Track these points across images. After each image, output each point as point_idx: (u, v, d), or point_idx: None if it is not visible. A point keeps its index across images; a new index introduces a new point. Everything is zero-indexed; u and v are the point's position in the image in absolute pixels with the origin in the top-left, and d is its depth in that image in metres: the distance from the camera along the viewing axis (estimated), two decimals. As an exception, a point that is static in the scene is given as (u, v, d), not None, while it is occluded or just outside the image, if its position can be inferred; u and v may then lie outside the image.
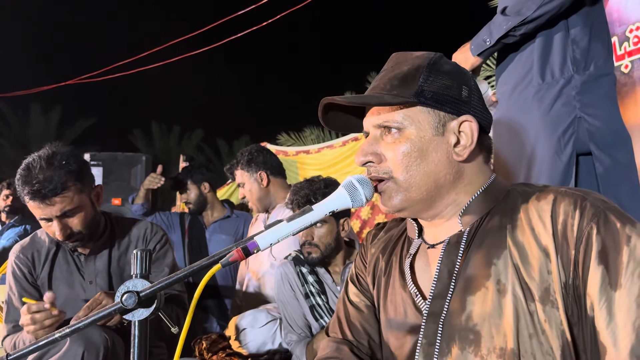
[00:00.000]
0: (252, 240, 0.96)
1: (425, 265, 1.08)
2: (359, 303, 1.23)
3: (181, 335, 0.91)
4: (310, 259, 2.27)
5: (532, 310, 0.90)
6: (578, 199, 0.92)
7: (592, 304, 0.85)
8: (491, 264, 0.96)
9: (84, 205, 1.94)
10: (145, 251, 0.99)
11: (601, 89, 1.80)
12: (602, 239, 0.86)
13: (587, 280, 0.86)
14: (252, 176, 3.08)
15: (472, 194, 1.03)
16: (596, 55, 1.81)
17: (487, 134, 1.08)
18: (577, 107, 1.79)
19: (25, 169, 1.86)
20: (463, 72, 1.06)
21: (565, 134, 1.80)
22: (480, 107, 1.05)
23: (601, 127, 1.77)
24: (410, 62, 1.04)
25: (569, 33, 1.83)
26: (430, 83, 1.00)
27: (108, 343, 1.77)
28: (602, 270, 0.85)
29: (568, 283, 0.88)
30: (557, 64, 1.82)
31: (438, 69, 1.02)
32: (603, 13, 1.87)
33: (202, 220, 3.84)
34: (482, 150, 1.06)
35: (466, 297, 0.96)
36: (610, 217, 0.88)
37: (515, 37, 1.85)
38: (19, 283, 2.03)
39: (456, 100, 1.01)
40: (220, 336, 2.65)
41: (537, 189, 1.01)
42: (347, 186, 1.04)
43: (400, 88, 1.01)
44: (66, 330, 0.92)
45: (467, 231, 1.02)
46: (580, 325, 0.88)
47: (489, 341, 0.92)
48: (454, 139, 1.01)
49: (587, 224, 0.88)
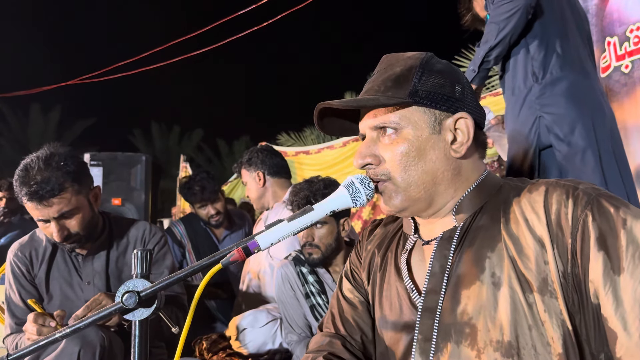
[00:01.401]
0: (252, 240, 0.96)
1: (421, 261, 1.08)
2: (352, 299, 1.23)
3: (181, 336, 0.91)
4: (311, 259, 2.27)
5: (530, 302, 0.90)
6: (570, 189, 0.93)
7: (596, 291, 0.85)
8: (485, 258, 0.96)
9: (81, 206, 1.94)
10: (145, 251, 0.99)
11: (557, 89, 2.12)
12: (598, 225, 0.87)
13: (588, 267, 0.86)
14: (251, 175, 3.15)
15: (466, 190, 1.05)
16: (551, 65, 2.18)
17: (482, 130, 1.09)
18: (538, 109, 2.16)
19: (23, 169, 1.85)
20: (455, 70, 1.07)
21: (531, 132, 2.16)
22: (474, 104, 1.06)
23: (558, 120, 2.10)
24: (403, 62, 1.05)
25: (529, 50, 2.23)
26: (424, 82, 1.01)
27: (105, 342, 1.76)
28: (602, 256, 0.85)
29: (567, 272, 0.89)
30: (521, 78, 2.24)
31: (430, 68, 1.03)
32: (556, 29, 2.22)
33: (209, 231, 3.71)
34: (477, 146, 1.07)
35: (460, 292, 0.97)
36: (603, 203, 0.89)
37: (490, 62, 2.25)
38: (18, 281, 2.03)
39: (450, 98, 1.02)
40: (221, 336, 2.64)
41: (528, 182, 1.02)
42: (348, 186, 1.04)
43: (394, 89, 1.02)
44: (67, 330, 0.92)
45: (460, 227, 1.03)
46: (582, 313, 0.88)
47: (485, 334, 0.92)
48: (451, 136, 1.02)
49: (581, 211, 0.89)
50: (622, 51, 2.83)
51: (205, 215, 3.58)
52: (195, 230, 3.71)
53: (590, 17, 3.05)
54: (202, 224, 3.70)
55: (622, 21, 2.85)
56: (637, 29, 2.76)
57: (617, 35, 2.87)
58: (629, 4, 2.83)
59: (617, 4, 2.89)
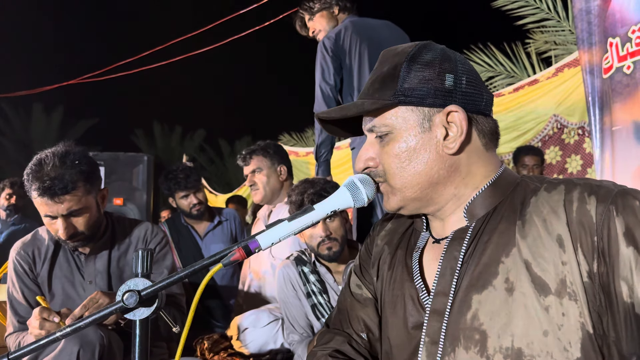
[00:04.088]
0: (253, 240, 0.96)
1: (433, 260, 1.04)
2: (360, 295, 1.19)
3: (182, 335, 0.91)
4: (332, 254, 2.24)
5: (546, 305, 0.86)
6: (590, 186, 0.90)
7: (630, 288, 0.82)
8: (499, 262, 0.93)
9: (90, 206, 1.95)
10: (146, 250, 0.99)
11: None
12: (623, 220, 0.84)
13: (618, 264, 0.83)
14: (274, 166, 3.07)
15: (476, 186, 1.01)
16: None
17: (487, 117, 1.03)
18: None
19: (37, 164, 1.86)
20: (448, 57, 1.00)
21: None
22: (470, 92, 0.99)
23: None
24: (390, 60, 1.02)
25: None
26: (410, 79, 0.97)
27: (104, 341, 1.77)
28: (632, 251, 0.82)
29: (592, 271, 0.85)
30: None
31: (418, 61, 0.98)
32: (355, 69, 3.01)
33: (191, 229, 3.69)
34: (480, 136, 1.01)
35: (472, 295, 0.93)
36: (627, 197, 0.86)
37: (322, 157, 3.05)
38: (21, 279, 2.03)
39: (439, 92, 0.97)
40: (222, 336, 2.65)
41: (546, 180, 0.98)
42: (349, 185, 1.04)
43: (381, 91, 1.00)
44: (67, 330, 0.92)
45: (472, 226, 0.99)
46: (610, 314, 0.84)
47: (496, 341, 0.89)
48: (443, 132, 0.98)
49: (604, 207, 0.85)
50: (624, 52, 2.82)
51: (187, 206, 3.55)
52: (178, 228, 3.69)
53: (593, 18, 3.04)
54: (184, 222, 3.68)
55: (625, 22, 2.83)
56: (639, 30, 2.75)
57: (619, 35, 2.86)
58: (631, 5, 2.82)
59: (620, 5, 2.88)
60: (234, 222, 3.77)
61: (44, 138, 18.71)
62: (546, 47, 6.82)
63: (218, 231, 3.70)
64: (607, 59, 2.94)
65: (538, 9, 6.65)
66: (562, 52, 6.51)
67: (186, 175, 3.53)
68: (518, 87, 5.49)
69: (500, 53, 7.03)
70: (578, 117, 5.05)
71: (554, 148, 5.31)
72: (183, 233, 3.67)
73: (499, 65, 7.05)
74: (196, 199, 3.55)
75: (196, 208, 3.57)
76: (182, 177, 3.52)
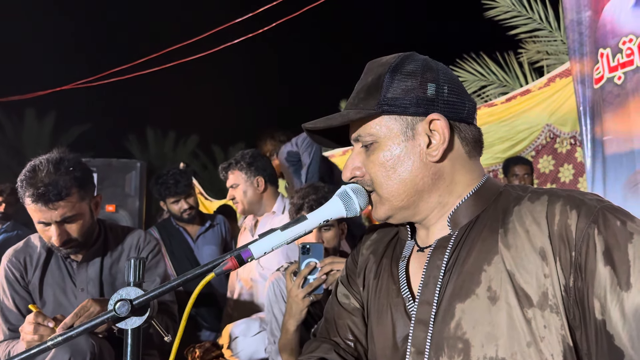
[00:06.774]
0: (246, 249, 0.96)
1: (418, 268, 1.05)
2: (347, 305, 1.20)
3: (174, 343, 0.90)
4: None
5: (529, 317, 0.87)
6: (573, 199, 0.90)
7: (602, 306, 0.82)
8: (481, 270, 0.93)
9: (83, 213, 1.95)
10: (139, 259, 0.99)
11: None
12: (604, 239, 0.84)
13: (593, 282, 0.83)
14: (250, 179, 3.06)
15: (459, 194, 1.02)
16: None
17: (470, 124, 1.03)
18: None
19: (31, 170, 1.86)
20: (430, 67, 1.01)
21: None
22: (452, 100, 1.00)
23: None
24: (375, 70, 1.04)
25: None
26: (393, 89, 0.99)
27: (94, 349, 1.75)
28: (609, 271, 0.82)
29: (568, 286, 0.86)
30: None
31: (401, 71, 1.00)
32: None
33: (183, 231, 3.68)
34: (463, 144, 1.02)
35: (455, 304, 0.94)
36: (609, 216, 0.86)
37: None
38: (12, 286, 2.02)
39: (421, 101, 0.98)
40: (214, 344, 2.64)
41: (530, 190, 0.99)
42: (342, 195, 1.04)
43: (365, 101, 1.01)
44: (58, 339, 0.92)
45: (455, 235, 1.00)
46: (584, 328, 0.85)
47: (479, 350, 0.90)
48: (426, 140, 0.99)
49: (585, 224, 0.86)
50: (615, 62, 2.85)
51: (178, 211, 3.55)
52: (169, 232, 3.67)
53: (584, 29, 3.07)
54: (175, 224, 3.66)
55: (615, 33, 2.87)
56: (629, 41, 2.78)
57: (610, 46, 2.89)
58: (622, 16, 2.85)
59: (611, 16, 2.91)
60: (224, 226, 3.78)
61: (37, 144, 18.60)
62: (538, 57, 6.88)
63: (210, 234, 3.70)
64: (598, 70, 2.97)
65: (530, 19, 6.72)
66: (554, 62, 6.57)
67: (176, 181, 3.53)
68: (510, 97, 5.52)
69: (493, 63, 7.08)
70: (570, 126, 5.09)
71: (547, 157, 5.34)
72: (175, 236, 3.66)
73: (492, 75, 7.10)
74: (187, 204, 3.56)
75: (187, 213, 3.57)
76: (172, 182, 3.52)
